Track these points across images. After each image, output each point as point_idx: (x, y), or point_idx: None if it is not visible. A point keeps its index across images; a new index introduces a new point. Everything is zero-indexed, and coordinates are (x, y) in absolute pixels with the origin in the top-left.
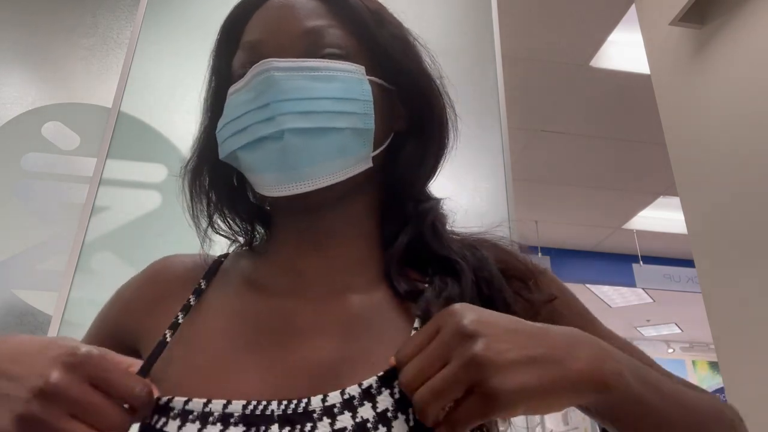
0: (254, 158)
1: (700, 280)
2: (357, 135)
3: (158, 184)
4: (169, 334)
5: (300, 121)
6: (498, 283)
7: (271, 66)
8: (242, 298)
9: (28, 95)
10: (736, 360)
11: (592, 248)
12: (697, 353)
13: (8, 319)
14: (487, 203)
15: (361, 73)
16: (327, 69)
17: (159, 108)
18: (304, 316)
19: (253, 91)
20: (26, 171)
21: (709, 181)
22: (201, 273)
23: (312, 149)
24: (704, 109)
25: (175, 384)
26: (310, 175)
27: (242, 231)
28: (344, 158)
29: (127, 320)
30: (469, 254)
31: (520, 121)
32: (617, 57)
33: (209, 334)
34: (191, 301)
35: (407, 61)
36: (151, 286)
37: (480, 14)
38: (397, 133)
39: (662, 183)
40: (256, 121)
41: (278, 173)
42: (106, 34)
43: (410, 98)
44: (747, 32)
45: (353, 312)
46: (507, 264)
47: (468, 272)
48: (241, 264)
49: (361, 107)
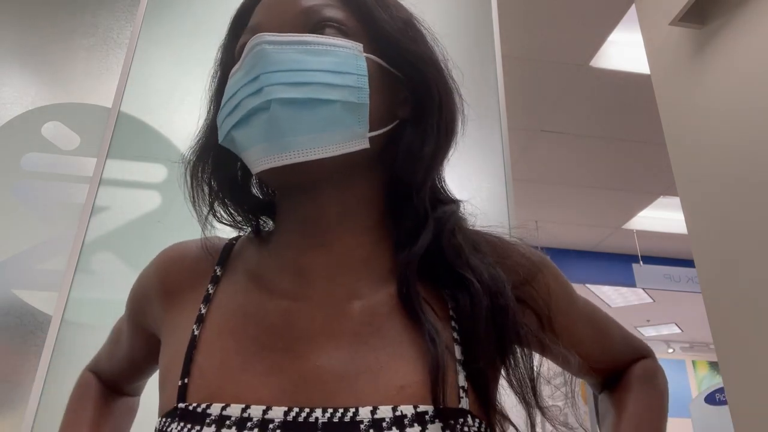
0: (245, 134)
1: (700, 280)
2: (349, 109)
3: (158, 184)
4: (196, 328)
5: (288, 91)
6: (512, 314)
7: (263, 40)
8: (249, 296)
9: (28, 95)
10: (736, 360)
11: (592, 248)
12: (697, 353)
13: (8, 319)
14: (487, 203)
15: (357, 49)
16: (321, 43)
17: (159, 108)
18: (310, 320)
19: (246, 67)
20: (26, 171)
21: (709, 181)
22: (214, 259)
23: (299, 119)
24: (704, 109)
25: (211, 386)
26: (295, 145)
27: (245, 221)
28: (334, 132)
29: (150, 317)
30: (486, 274)
31: (520, 121)
32: (617, 57)
33: (221, 334)
34: (210, 291)
35: (408, 42)
36: (166, 277)
37: (480, 14)
38: (402, 121)
39: (662, 183)
40: (246, 94)
41: (264, 143)
42: (106, 34)
43: (413, 81)
44: (747, 32)
45: (362, 319)
46: (523, 269)
47: (483, 296)
48: (249, 253)
49: (355, 81)
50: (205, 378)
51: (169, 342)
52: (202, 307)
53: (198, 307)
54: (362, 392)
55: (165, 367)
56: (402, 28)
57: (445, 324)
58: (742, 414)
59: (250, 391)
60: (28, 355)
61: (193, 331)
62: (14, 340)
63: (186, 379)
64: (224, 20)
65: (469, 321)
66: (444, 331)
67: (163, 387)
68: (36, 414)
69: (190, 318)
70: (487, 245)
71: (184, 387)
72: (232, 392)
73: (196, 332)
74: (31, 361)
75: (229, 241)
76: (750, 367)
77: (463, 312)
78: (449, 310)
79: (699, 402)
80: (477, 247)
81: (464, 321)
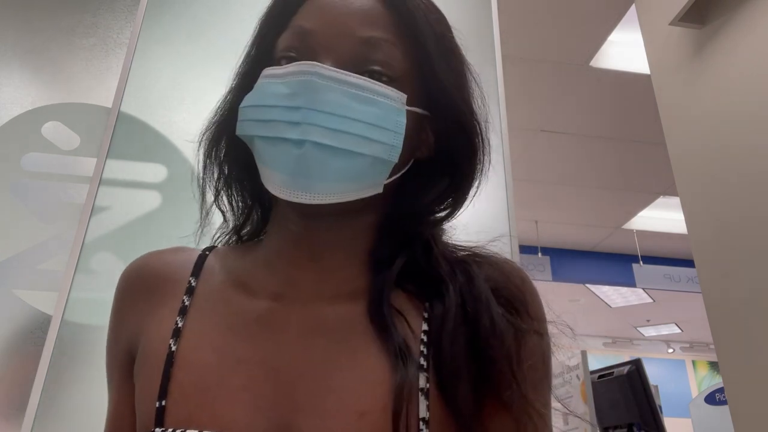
0: (270, 153)
1: (700, 280)
2: (377, 164)
3: (158, 184)
4: (173, 342)
5: (327, 137)
6: (485, 301)
7: (316, 71)
8: (229, 304)
9: (28, 95)
10: (736, 360)
11: (592, 248)
12: (697, 353)
13: (8, 319)
14: (487, 203)
15: (401, 102)
16: (369, 90)
17: (159, 108)
18: (288, 323)
19: (288, 88)
20: (26, 171)
21: (709, 181)
22: (188, 269)
23: (329, 167)
24: (704, 109)
25: (189, 407)
26: (318, 189)
27: (242, 212)
28: (357, 182)
29: (130, 343)
30: (459, 272)
31: (520, 121)
32: (617, 57)
33: (199, 349)
34: (185, 302)
35: (459, 101)
36: (133, 296)
37: (480, 14)
38: (417, 160)
39: (662, 183)
40: (282, 119)
41: (288, 177)
42: (106, 34)
43: (448, 134)
44: (747, 32)
45: (337, 336)
46: (497, 284)
47: (454, 293)
48: (229, 261)
49: (391, 138)
50: (183, 400)
51: (145, 356)
52: (178, 320)
53: (174, 320)
54: (328, 414)
55: (141, 385)
56: (456, 84)
57: (414, 347)
58: (742, 414)
59: (227, 410)
60: (28, 355)
61: (170, 346)
62: (14, 340)
63: (163, 401)
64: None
65: (440, 316)
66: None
67: (139, 405)
68: (36, 414)
69: (165, 332)
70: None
71: (161, 409)
72: (209, 414)
73: (173, 347)
74: (31, 361)
75: (202, 251)
76: (750, 367)
77: (436, 321)
78: (423, 324)
79: (699, 402)
80: (466, 260)
81: (434, 334)
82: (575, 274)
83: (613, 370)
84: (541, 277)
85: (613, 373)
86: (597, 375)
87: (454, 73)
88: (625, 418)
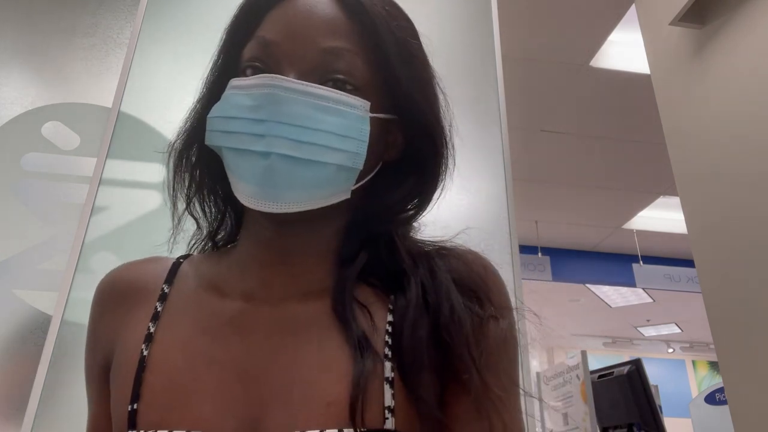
0: (237, 163)
1: (700, 280)
2: (343, 171)
3: (158, 184)
4: (145, 347)
5: (291, 148)
6: (446, 290)
7: (278, 84)
8: (201, 306)
9: (28, 95)
10: (736, 360)
11: (592, 248)
12: (697, 353)
13: (8, 319)
14: (487, 203)
15: (365, 109)
16: (332, 100)
17: (159, 108)
18: (258, 322)
19: (252, 100)
20: (26, 171)
21: (709, 181)
22: (161, 277)
23: (296, 177)
24: (704, 109)
25: (160, 410)
26: (286, 198)
27: (215, 218)
28: (324, 190)
29: (104, 351)
30: (422, 265)
31: (520, 121)
32: (617, 57)
33: (171, 351)
34: (158, 308)
35: (422, 105)
36: (108, 307)
37: (480, 14)
38: (385, 162)
39: (662, 183)
40: (247, 131)
41: (257, 187)
42: (106, 34)
43: (413, 137)
44: (747, 32)
45: (306, 334)
46: (461, 274)
47: (415, 285)
48: (204, 267)
49: (356, 146)
50: (155, 402)
51: (118, 363)
52: (150, 326)
53: (146, 326)
54: (296, 405)
55: (115, 390)
56: (419, 89)
57: (378, 338)
58: (742, 414)
59: (197, 411)
60: (28, 355)
61: (142, 351)
62: (14, 340)
63: (135, 404)
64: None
65: (402, 308)
66: (376, 347)
67: (114, 410)
68: (36, 414)
69: (138, 338)
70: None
71: (133, 413)
72: (181, 415)
73: (145, 352)
74: (31, 361)
75: (176, 259)
76: (750, 367)
77: (399, 313)
78: (388, 315)
79: (699, 402)
80: (429, 254)
81: (398, 325)
82: (575, 274)
83: (613, 370)
84: (541, 277)
85: (613, 373)
86: (597, 375)
87: (416, 79)
88: (625, 418)
